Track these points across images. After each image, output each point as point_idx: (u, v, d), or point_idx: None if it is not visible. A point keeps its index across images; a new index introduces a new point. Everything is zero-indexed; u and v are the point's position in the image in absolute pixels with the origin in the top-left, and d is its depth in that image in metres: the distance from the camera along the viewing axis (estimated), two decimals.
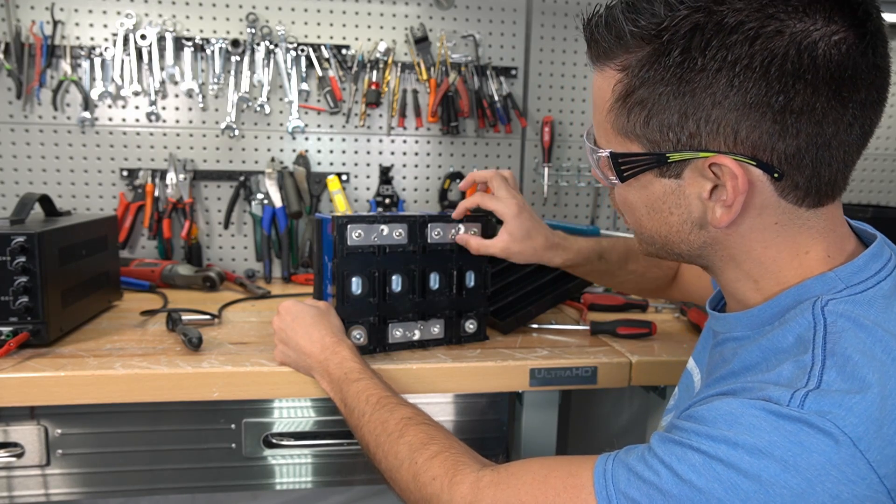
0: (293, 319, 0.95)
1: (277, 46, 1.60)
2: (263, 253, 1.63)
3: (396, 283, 1.02)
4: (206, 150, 1.63)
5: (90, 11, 1.54)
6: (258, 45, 1.59)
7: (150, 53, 1.55)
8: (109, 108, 1.58)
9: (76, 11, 1.54)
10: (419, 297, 1.04)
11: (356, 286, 1.00)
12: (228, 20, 1.59)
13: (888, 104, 0.58)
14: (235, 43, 1.58)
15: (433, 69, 1.67)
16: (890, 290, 0.58)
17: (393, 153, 1.71)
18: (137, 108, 1.58)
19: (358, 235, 0.99)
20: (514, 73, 1.71)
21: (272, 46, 1.60)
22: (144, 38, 1.54)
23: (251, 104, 1.61)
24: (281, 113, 1.64)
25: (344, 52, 1.63)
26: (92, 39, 1.55)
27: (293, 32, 1.62)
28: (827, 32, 0.52)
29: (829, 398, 0.49)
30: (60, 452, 1.01)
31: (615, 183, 0.64)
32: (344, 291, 0.99)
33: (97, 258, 1.21)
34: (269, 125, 1.64)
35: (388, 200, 1.70)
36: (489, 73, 1.69)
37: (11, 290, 0.98)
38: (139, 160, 1.60)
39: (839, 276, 0.58)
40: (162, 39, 1.56)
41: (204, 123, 1.62)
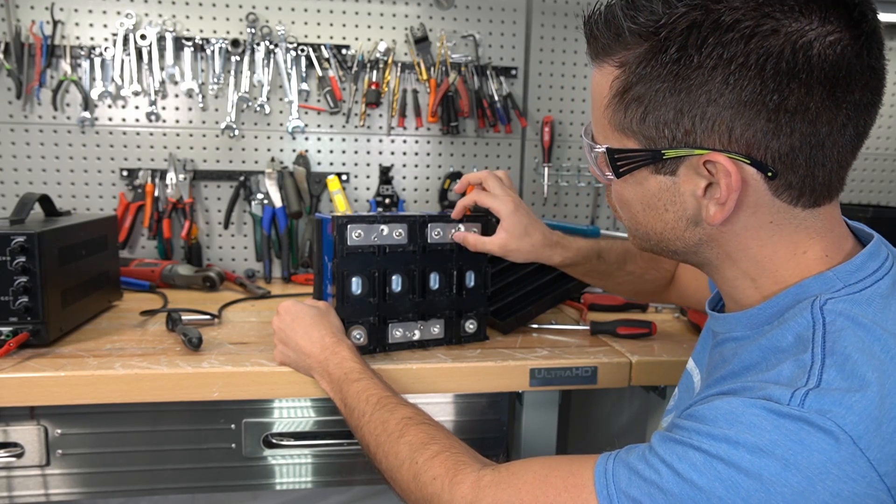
0: (293, 319, 0.95)
1: (277, 46, 1.60)
2: (263, 253, 1.63)
3: (396, 283, 1.02)
4: (206, 150, 1.63)
5: (90, 11, 1.54)
6: (258, 45, 1.59)
7: (149, 53, 1.55)
8: (109, 108, 1.58)
9: (76, 11, 1.54)
10: (419, 297, 1.04)
11: (356, 286, 1.00)
12: (228, 20, 1.59)
13: (887, 104, 0.58)
14: (235, 43, 1.58)
15: (433, 69, 1.67)
16: (887, 288, 0.58)
17: (393, 153, 1.71)
18: (137, 108, 1.58)
19: (358, 235, 0.99)
20: (514, 73, 1.71)
21: (272, 46, 1.60)
22: (144, 37, 1.54)
23: (251, 104, 1.62)
24: (281, 113, 1.64)
25: (344, 51, 1.63)
26: (92, 39, 1.55)
27: (293, 32, 1.62)
28: (822, 33, 0.52)
29: (829, 397, 0.50)
30: (60, 452, 1.01)
31: (611, 179, 0.65)
32: (344, 291, 0.99)
33: (97, 258, 1.21)
34: (269, 125, 1.64)
35: (388, 200, 1.70)
36: (489, 73, 1.69)
37: (11, 290, 0.98)
38: (139, 160, 1.60)
39: (837, 275, 0.58)
40: (162, 39, 1.56)
41: (204, 123, 1.62)
